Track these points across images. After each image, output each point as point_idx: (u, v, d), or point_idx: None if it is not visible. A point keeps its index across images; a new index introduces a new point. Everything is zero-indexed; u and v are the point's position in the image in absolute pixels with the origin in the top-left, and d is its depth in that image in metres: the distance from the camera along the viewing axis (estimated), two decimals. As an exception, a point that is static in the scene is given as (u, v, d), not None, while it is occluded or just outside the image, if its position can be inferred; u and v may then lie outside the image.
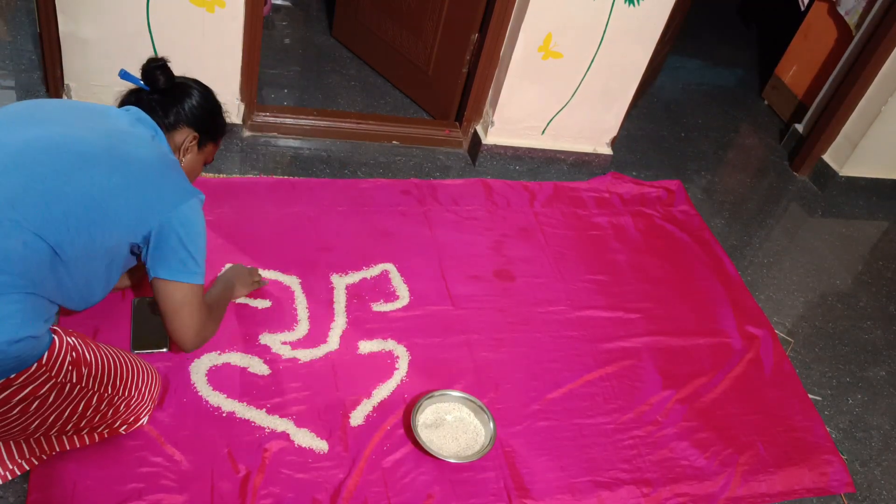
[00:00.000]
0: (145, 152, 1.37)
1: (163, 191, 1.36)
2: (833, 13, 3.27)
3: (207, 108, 1.55)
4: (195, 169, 1.60)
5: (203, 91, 1.56)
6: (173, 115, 1.50)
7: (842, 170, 3.10)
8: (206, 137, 1.57)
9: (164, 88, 1.49)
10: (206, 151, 1.60)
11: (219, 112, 1.60)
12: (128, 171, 1.32)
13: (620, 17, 2.44)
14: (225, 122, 1.63)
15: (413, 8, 2.72)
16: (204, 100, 1.54)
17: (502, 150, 2.68)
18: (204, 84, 1.58)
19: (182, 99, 1.51)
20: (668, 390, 1.97)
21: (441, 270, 2.13)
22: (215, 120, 1.59)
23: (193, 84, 1.55)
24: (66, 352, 1.28)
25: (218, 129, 1.61)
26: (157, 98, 1.49)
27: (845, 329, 2.43)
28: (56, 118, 1.35)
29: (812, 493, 1.83)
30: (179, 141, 1.51)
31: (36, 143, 1.26)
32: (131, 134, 1.39)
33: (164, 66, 1.48)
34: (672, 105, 3.48)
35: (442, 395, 1.74)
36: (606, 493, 1.68)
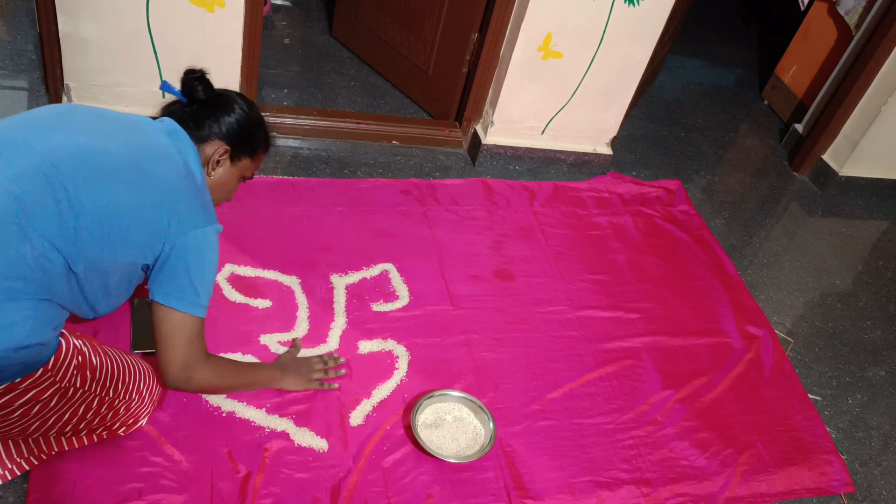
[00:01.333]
0: (169, 171, 1.34)
1: (178, 214, 1.32)
2: (833, 13, 3.27)
3: (244, 122, 1.49)
4: (227, 183, 1.53)
5: (243, 105, 1.50)
6: (206, 128, 1.45)
7: (842, 170, 3.10)
8: (240, 151, 1.51)
9: (202, 100, 1.46)
10: (241, 166, 1.53)
11: (258, 127, 1.53)
12: (146, 190, 1.29)
13: (620, 17, 2.44)
14: (267, 137, 1.57)
15: (413, 8, 2.72)
16: (242, 114, 1.49)
17: (502, 149, 2.68)
18: (247, 98, 1.54)
19: (219, 112, 1.46)
20: (668, 390, 1.97)
21: (441, 270, 2.13)
22: (253, 134, 1.52)
23: (235, 97, 1.51)
24: (72, 356, 1.27)
25: (256, 144, 1.54)
26: (195, 110, 1.46)
27: (845, 329, 2.43)
28: (85, 127, 1.31)
29: (812, 492, 1.83)
30: (209, 153, 1.46)
31: (59, 151, 1.22)
32: (158, 150, 1.35)
33: (202, 77, 1.45)
34: (672, 105, 3.48)
35: (442, 395, 1.74)
36: (606, 493, 1.68)
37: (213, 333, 1.76)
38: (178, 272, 1.33)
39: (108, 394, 1.37)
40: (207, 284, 1.38)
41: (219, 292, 1.87)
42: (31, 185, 1.16)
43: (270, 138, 1.59)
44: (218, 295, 1.86)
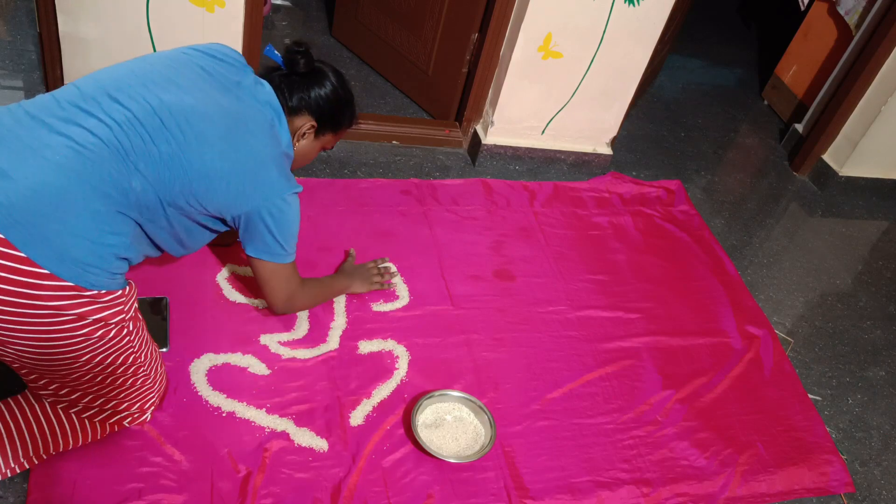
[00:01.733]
0: (260, 142, 1.46)
1: (261, 183, 1.46)
2: (833, 13, 3.27)
3: (334, 100, 1.60)
4: (308, 154, 1.67)
5: (336, 82, 1.60)
6: (297, 100, 1.56)
7: (842, 170, 3.10)
8: (325, 127, 1.63)
9: (302, 72, 1.56)
10: (323, 139, 1.66)
11: (346, 106, 1.64)
12: (236, 159, 1.41)
13: (620, 16, 2.44)
14: (352, 115, 1.68)
15: (413, 8, 2.72)
16: (333, 92, 1.59)
17: (502, 149, 2.68)
18: (341, 75, 1.63)
19: (312, 86, 1.57)
20: (668, 390, 1.97)
21: (441, 270, 2.13)
22: (340, 113, 1.63)
23: (330, 73, 1.61)
24: (135, 300, 1.40)
25: (341, 122, 1.66)
26: (292, 80, 1.56)
27: (845, 329, 2.43)
28: (193, 86, 1.40)
29: (812, 492, 1.83)
30: (298, 125, 1.58)
31: (168, 108, 1.34)
32: (254, 119, 1.47)
33: (306, 51, 1.55)
34: (672, 105, 3.48)
35: (442, 395, 1.74)
36: (606, 493, 1.68)
37: (214, 333, 1.76)
38: (262, 232, 1.50)
39: (141, 356, 1.44)
40: (291, 238, 1.56)
41: (219, 292, 1.87)
42: (140, 131, 1.30)
43: (354, 115, 1.69)
44: (218, 295, 1.86)
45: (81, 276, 1.24)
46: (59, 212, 1.21)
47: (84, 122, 1.26)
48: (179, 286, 1.84)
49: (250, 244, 1.54)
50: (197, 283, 1.87)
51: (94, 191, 1.24)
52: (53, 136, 1.23)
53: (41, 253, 1.19)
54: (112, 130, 1.27)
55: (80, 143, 1.24)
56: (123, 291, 1.35)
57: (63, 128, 1.25)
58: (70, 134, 1.24)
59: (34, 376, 1.35)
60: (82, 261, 1.24)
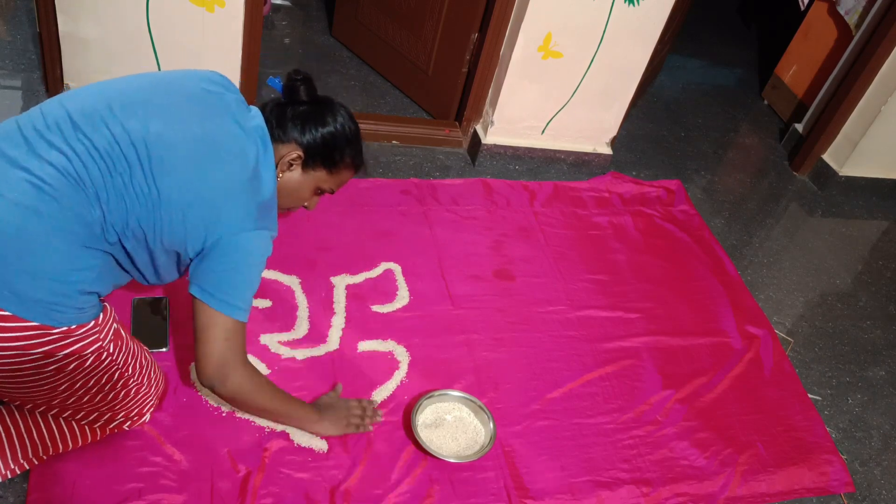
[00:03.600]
0: (229, 171, 1.30)
1: (228, 215, 1.29)
2: (833, 13, 3.27)
3: (330, 135, 1.41)
4: (297, 190, 1.45)
5: (338, 118, 1.43)
6: (289, 131, 1.40)
7: (842, 169, 3.10)
8: (315, 161, 1.43)
9: (302, 101, 1.41)
10: (315, 176, 1.45)
11: (346, 143, 1.44)
12: (200, 189, 1.27)
13: (620, 16, 2.44)
14: (354, 156, 1.47)
15: (413, 8, 2.72)
16: (331, 127, 1.41)
17: (502, 149, 2.68)
18: (348, 113, 1.46)
19: (310, 118, 1.40)
20: (668, 390, 1.97)
21: (441, 270, 2.13)
22: (336, 149, 1.43)
23: (335, 109, 1.44)
24: (113, 320, 1.37)
25: (336, 159, 1.44)
26: (289, 110, 1.41)
27: (845, 329, 2.43)
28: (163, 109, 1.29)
29: (812, 492, 1.83)
30: (282, 154, 1.40)
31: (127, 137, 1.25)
32: (227, 147, 1.31)
33: (307, 79, 1.41)
34: (672, 105, 3.48)
35: (442, 395, 1.74)
36: (606, 493, 1.68)
37: (213, 333, 1.76)
38: (218, 270, 1.30)
39: (128, 370, 1.41)
40: (249, 288, 1.34)
41: (219, 292, 1.86)
42: (99, 162, 1.23)
43: (358, 158, 1.49)
44: (218, 295, 1.86)
45: (46, 315, 1.19)
46: (17, 253, 1.16)
47: (45, 154, 1.19)
48: (179, 286, 1.83)
49: (198, 281, 1.31)
50: (197, 282, 1.86)
51: (54, 229, 1.18)
52: (12, 170, 1.18)
53: (1, 295, 1.15)
54: (72, 162, 1.20)
55: (39, 178, 1.17)
56: (96, 321, 1.30)
57: (23, 160, 1.19)
58: (30, 167, 1.18)
59: (18, 403, 1.35)
60: (46, 301, 1.19)
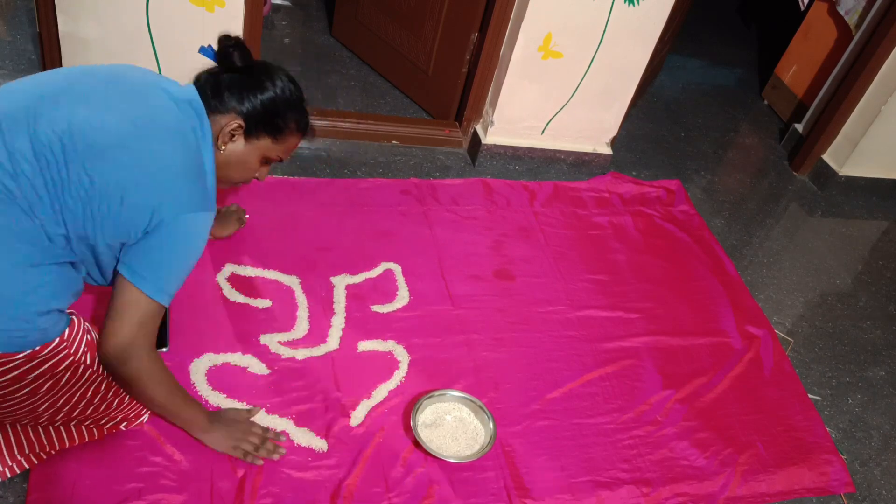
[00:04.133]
0: (168, 149, 1.24)
1: (169, 196, 1.22)
2: (833, 13, 3.27)
3: (270, 100, 1.37)
4: (243, 162, 1.41)
5: (278, 82, 1.38)
6: (227, 100, 1.34)
7: (842, 169, 3.10)
8: (258, 128, 1.38)
9: (237, 68, 1.35)
10: (260, 145, 1.40)
11: (288, 107, 1.40)
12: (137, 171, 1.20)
13: (620, 16, 2.44)
14: (299, 120, 1.44)
15: (413, 8, 2.72)
16: (271, 92, 1.37)
17: (502, 149, 2.68)
18: (287, 76, 1.41)
19: (247, 85, 1.35)
20: (668, 390, 1.97)
21: (441, 270, 2.13)
22: (279, 114, 1.39)
23: (272, 72, 1.39)
24: (84, 331, 1.30)
25: (281, 125, 1.40)
26: (224, 78, 1.35)
27: (845, 329, 2.43)
28: (91, 93, 1.23)
29: (812, 492, 1.83)
30: (222, 124, 1.35)
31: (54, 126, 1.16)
32: (163, 124, 1.25)
33: (238, 44, 1.35)
34: (672, 105, 3.48)
35: (441, 395, 1.74)
36: (606, 493, 1.68)
37: (214, 333, 1.76)
38: (154, 252, 1.24)
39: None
40: (179, 272, 1.28)
41: (219, 292, 1.87)
42: (23, 167, 1.14)
43: (303, 121, 1.45)
44: (218, 295, 1.86)
45: (6, 343, 1.15)
46: None
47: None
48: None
49: (127, 261, 1.24)
50: (197, 283, 1.86)
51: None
52: None
53: None
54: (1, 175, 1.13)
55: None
56: (62, 338, 1.23)
57: None
58: None
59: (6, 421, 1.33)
60: (2, 329, 1.14)
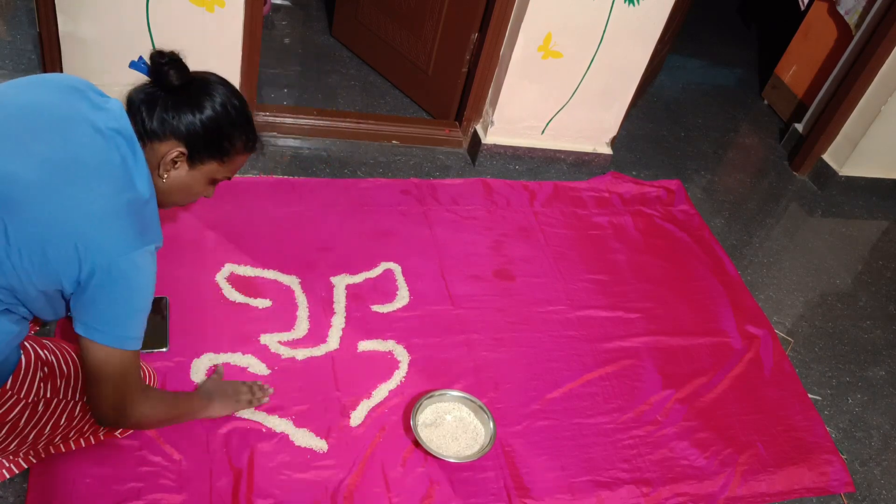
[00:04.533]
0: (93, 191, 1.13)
1: (98, 240, 1.12)
2: (833, 13, 3.27)
3: (212, 122, 1.23)
4: (188, 187, 1.29)
5: (218, 99, 1.24)
6: (158, 122, 1.20)
7: (842, 169, 3.10)
8: (202, 153, 1.25)
9: (174, 87, 1.21)
10: (206, 170, 1.28)
11: (232, 127, 1.26)
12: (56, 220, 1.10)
13: (620, 16, 2.44)
14: (246, 138, 1.30)
15: (413, 8, 2.72)
16: (211, 112, 1.23)
17: (502, 149, 2.68)
18: (228, 90, 1.28)
19: (184, 105, 1.22)
20: (668, 390, 1.97)
21: (441, 270, 2.13)
22: (223, 136, 1.26)
23: (212, 88, 1.25)
24: (35, 369, 1.21)
25: (226, 147, 1.27)
26: (157, 97, 1.21)
27: (845, 329, 2.43)
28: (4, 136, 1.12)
29: (812, 492, 1.83)
30: (162, 152, 1.22)
31: None
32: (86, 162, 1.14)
33: (174, 61, 1.21)
34: (672, 105, 3.48)
35: (441, 395, 1.74)
36: (606, 493, 1.68)
37: (214, 333, 1.76)
38: (100, 302, 1.15)
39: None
40: (138, 315, 1.20)
41: (219, 292, 1.87)
42: None
43: (251, 139, 1.32)
44: (218, 295, 1.86)
45: None
46: None
47: None
48: (179, 286, 1.84)
49: (80, 318, 1.16)
50: (197, 283, 1.87)
51: None
52: None
53: None
54: None
55: None
56: (4, 388, 1.15)
57: None
58: None
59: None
60: None
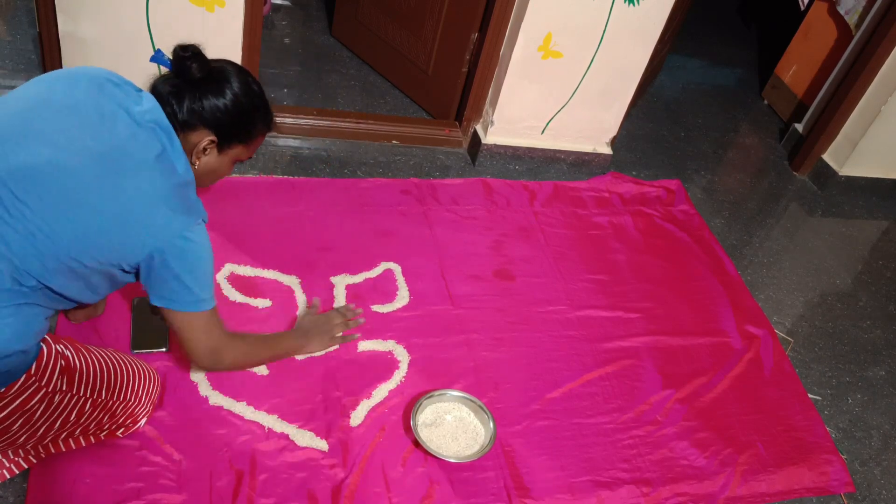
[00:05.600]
0: (143, 181, 1.24)
1: (153, 227, 1.24)
2: (833, 13, 3.27)
3: (234, 109, 1.35)
4: (216, 170, 1.43)
5: (238, 87, 1.35)
6: (188, 113, 1.32)
7: (841, 169, 3.10)
8: (230, 139, 1.38)
9: (196, 79, 1.32)
10: (232, 153, 1.42)
11: (253, 112, 1.40)
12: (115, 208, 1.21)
13: (620, 16, 2.44)
14: (265, 120, 1.44)
15: (413, 8, 2.72)
16: (233, 99, 1.34)
17: (502, 149, 2.68)
18: (245, 76, 1.39)
19: (206, 95, 1.32)
20: (668, 390, 1.97)
21: (441, 270, 2.13)
22: (245, 122, 1.39)
23: (231, 77, 1.36)
24: (55, 360, 1.26)
25: (249, 131, 1.41)
26: (183, 89, 1.32)
27: (845, 329, 2.43)
28: (52, 131, 1.20)
29: (812, 492, 1.83)
30: (194, 142, 1.34)
31: (19, 174, 1.15)
32: (133, 152, 1.24)
33: (198, 54, 1.31)
34: (672, 105, 3.48)
35: (441, 395, 1.74)
36: (606, 493, 1.68)
37: (213, 333, 1.76)
38: (168, 278, 1.29)
39: (101, 396, 1.35)
40: (204, 280, 1.34)
41: (218, 292, 1.87)
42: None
43: (269, 119, 1.46)
44: (217, 294, 1.86)
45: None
46: None
47: None
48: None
49: (154, 293, 1.31)
50: (197, 282, 1.86)
51: None
52: None
53: None
54: None
55: None
56: (28, 373, 1.20)
57: None
58: None
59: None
60: None
